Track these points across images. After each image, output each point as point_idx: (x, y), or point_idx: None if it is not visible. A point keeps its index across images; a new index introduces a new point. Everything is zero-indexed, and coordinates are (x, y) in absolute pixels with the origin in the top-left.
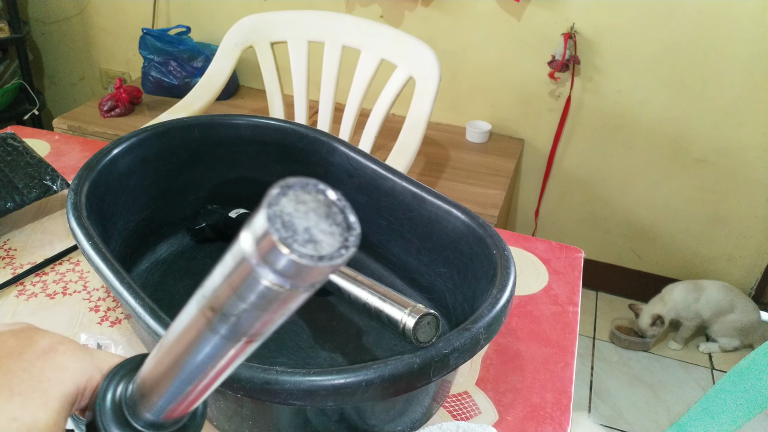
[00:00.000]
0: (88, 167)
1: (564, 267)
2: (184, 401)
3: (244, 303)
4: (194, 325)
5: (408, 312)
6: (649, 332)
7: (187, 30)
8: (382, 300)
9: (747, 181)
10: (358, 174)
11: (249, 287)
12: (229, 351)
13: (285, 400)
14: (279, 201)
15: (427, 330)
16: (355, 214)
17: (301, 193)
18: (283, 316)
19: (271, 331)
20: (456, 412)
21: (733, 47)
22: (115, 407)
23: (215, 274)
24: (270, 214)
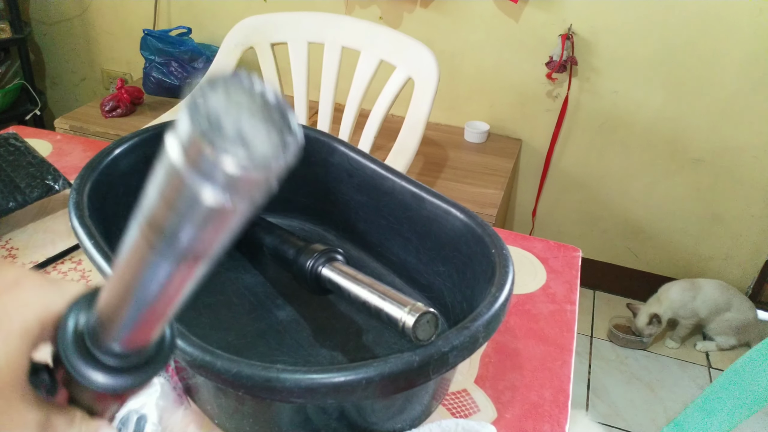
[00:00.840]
0: (90, 167)
1: (562, 266)
2: (142, 328)
3: (180, 218)
4: (137, 248)
5: (407, 310)
6: (646, 331)
7: (188, 31)
8: (382, 298)
9: (743, 181)
10: (358, 174)
11: (182, 200)
12: (175, 272)
13: (286, 398)
14: (206, 97)
15: (427, 328)
16: (296, 118)
17: (233, 90)
18: (227, 233)
19: (217, 249)
20: (455, 410)
21: (730, 48)
22: (77, 338)
23: (150, 189)
24: (193, 114)
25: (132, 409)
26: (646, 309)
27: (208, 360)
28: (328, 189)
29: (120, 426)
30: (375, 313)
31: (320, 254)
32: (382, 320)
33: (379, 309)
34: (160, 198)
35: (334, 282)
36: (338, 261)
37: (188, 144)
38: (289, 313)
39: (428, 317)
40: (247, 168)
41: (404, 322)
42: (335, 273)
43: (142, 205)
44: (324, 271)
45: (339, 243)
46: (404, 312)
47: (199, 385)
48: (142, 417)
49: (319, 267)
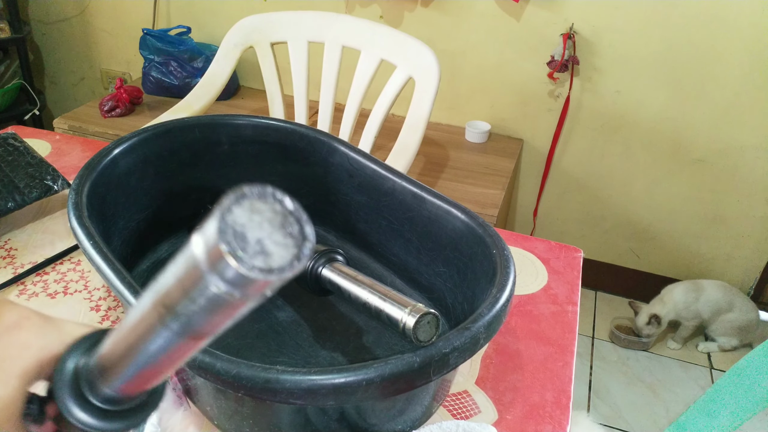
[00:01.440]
0: (89, 167)
1: (563, 266)
2: (139, 383)
3: (193, 305)
4: (147, 318)
5: (408, 311)
6: (645, 330)
7: (188, 30)
8: (383, 299)
9: (746, 181)
10: (358, 174)
11: (199, 291)
12: (179, 345)
13: (286, 399)
14: (233, 210)
15: (427, 329)
16: (311, 225)
17: (256, 203)
18: (233, 319)
19: (221, 330)
20: (456, 411)
21: (732, 47)
22: (73, 380)
23: (169, 272)
24: (221, 225)
25: None
26: (647, 309)
27: (207, 361)
28: (328, 189)
29: None
30: (375, 314)
31: (320, 255)
32: (382, 321)
33: (380, 310)
34: (178, 284)
35: (335, 283)
36: (338, 262)
37: (212, 249)
38: (289, 313)
39: (429, 318)
40: (264, 275)
41: (405, 323)
42: (335, 274)
43: (159, 281)
44: (324, 272)
45: (339, 243)
46: (405, 313)
47: (199, 386)
48: None
49: (319, 268)
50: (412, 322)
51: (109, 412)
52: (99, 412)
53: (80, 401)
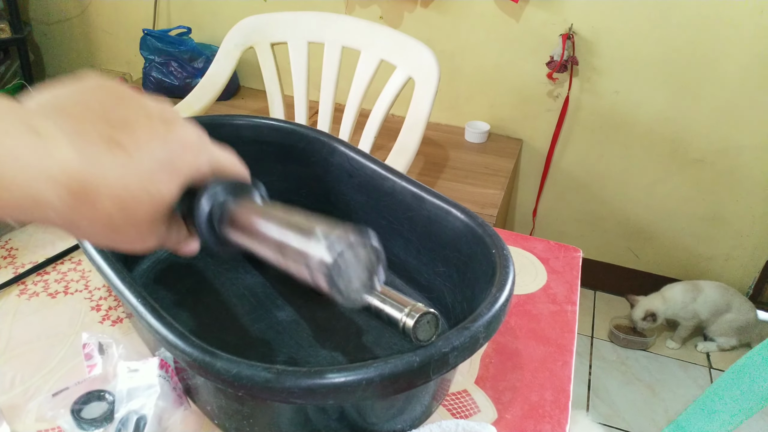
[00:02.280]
0: None
1: (562, 266)
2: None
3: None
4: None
5: (408, 311)
6: (640, 325)
7: (188, 31)
8: (382, 299)
9: (744, 181)
10: (358, 174)
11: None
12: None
13: (285, 399)
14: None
15: (427, 329)
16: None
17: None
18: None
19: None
20: (455, 411)
21: (731, 48)
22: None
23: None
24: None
25: (132, 409)
26: (645, 303)
27: (208, 360)
28: (328, 189)
29: (120, 426)
30: (375, 314)
31: None
32: (382, 320)
33: (379, 309)
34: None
35: None
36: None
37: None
38: (289, 313)
39: (428, 318)
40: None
41: (404, 322)
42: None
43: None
44: None
45: None
46: (404, 313)
47: (199, 385)
48: (142, 417)
49: None
50: (411, 321)
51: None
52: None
53: (210, 229)
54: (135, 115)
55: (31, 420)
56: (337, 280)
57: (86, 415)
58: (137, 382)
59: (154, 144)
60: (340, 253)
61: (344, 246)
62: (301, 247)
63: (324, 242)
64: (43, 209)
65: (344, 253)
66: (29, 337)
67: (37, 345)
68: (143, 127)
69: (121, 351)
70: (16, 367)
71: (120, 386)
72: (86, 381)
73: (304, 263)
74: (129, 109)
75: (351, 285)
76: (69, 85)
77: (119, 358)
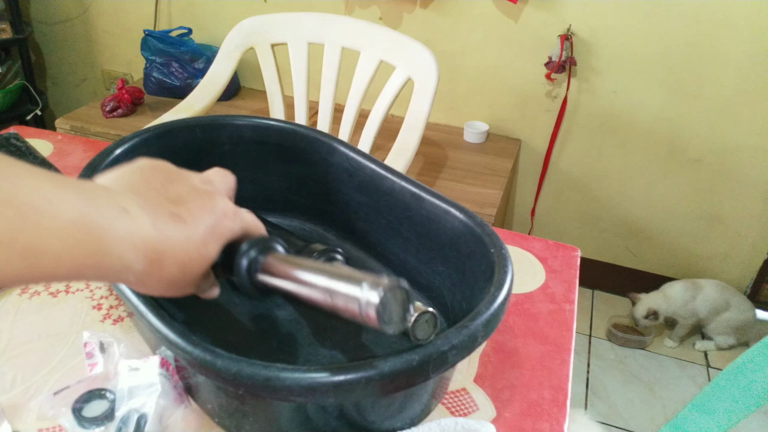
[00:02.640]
0: (91, 167)
1: (561, 265)
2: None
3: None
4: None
5: None
6: (641, 323)
7: (189, 31)
8: None
9: (742, 181)
10: (358, 174)
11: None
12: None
13: (285, 397)
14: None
15: (426, 328)
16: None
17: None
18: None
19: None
20: (454, 409)
21: (729, 48)
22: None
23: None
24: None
25: (132, 408)
26: (646, 301)
27: (208, 359)
28: (328, 189)
29: (120, 425)
30: None
31: (320, 254)
32: None
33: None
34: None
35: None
36: (338, 260)
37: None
38: (289, 312)
39: (427, 317)
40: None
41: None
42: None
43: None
44: None
45: (339, 243)
46: None
47: (200, 384)
48: (143, 416)
49: None
50: (410, 320)
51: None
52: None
53: (248, 280)
54: (186, 191)
55: (33, 419)
56: (382, 315)
57: (87, 414)
58: (138, 381)
59: (204, 215)
60: (384, 296)
61: (386, 290)
62: (352, 292)
63: (371, 288)
64: (127, 272)
65: (386, 295)
66: (30, 336)
67: (38, 344)
68: (194, 201)
69: (122, 350)
70: (18, 366)
71: (121, 385)
72: (87, 380)
73: (356, 304)
74: (180, 185)
75: (392, 318)
76: (129, 167)
77: (120, 356)
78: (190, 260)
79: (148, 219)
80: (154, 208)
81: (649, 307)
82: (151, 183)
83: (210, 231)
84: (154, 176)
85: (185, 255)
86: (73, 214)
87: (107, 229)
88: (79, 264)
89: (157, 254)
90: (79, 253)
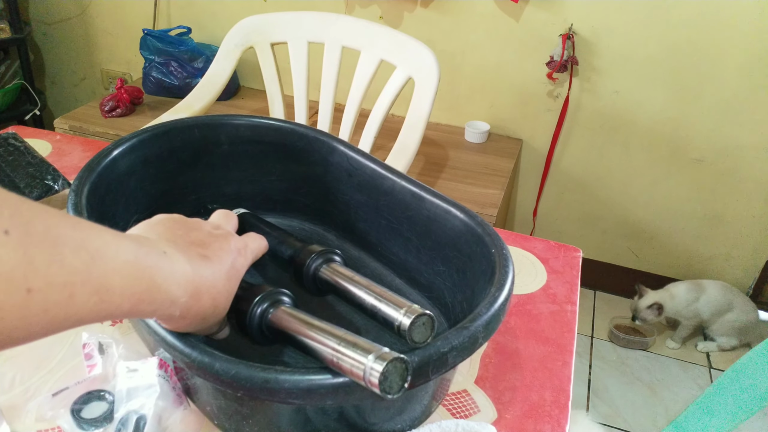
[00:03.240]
0: (89, 168)
1: (562, 266)
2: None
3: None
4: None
5: (404, 312)
6: (643, 314)
7: (188, 31)
8: (378, 300)
9: (744, 181)
10: (358, 173)
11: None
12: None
13: (284, 399)
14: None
15: (423, 330)
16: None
17: (398, 364)
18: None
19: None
20: (455, 410)
21: (731, 48)
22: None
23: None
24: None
25: (131, 409)
26: (653, 295)
27: (206, 361)
28: (328, 189)
29: (119, 426)
30: (371, 315)
31: (318, 255)
32: (378, 321)
33: (376, 310)
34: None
35: (331, 283)
36: (336, 262)
37: (370, 372)
38: None
39: (424, 319)
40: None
41: (400, 323)
42: (332, 274)
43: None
44: (321, 272)
45: (339, 243)
46: (400, 314)
47: (199, 385)
48: (142, 417)
49: (316, 268)
50: (407, 323)
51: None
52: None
53: (258, 330)
54: (204, 236)
55: (31, 420)
56: (384, 384)
57: (86, 415)
58: (137, 382)
59: (224, 255)
60: (386, 368)
61: (388, 361)
62: (358, 360)
63: (377, 360)
64: (173, 307)
65: (388, 367)
66: None
67: (36, 345)
68: (214, 243)
69: (120, 351)
70: (16, 366)
71: (120, 386)
72: (86, 381)
73: (361, 371)
74: (199, 232)
75: (392, 388)
76: (151, 222)
77: (119, 358)
78: (219, 294)
79: (185, 259)
80: (186, 252)
81: (655, 300)
82: (175, 232)
83: (231, 268)
84: (175, 227)
85: (215, 290)
86: (128, 256)
87: (156, 268)
88: (137, 299)
89: (196, 289)
90: (137, 289)
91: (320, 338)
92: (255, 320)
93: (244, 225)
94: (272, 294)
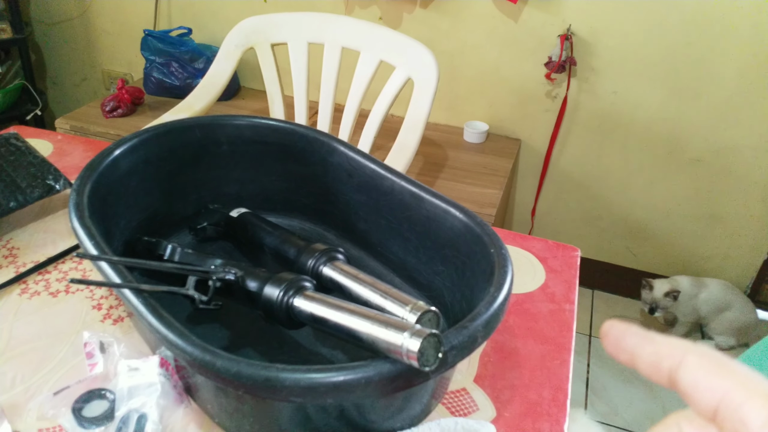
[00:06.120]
0: (91, 168)
1: (560, 265)
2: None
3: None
4: (360, 331)
5: (409, 309)
6: (661, 303)
7: (189, 31)
8: (384, 297)
9: (742, 181)
10: (357, 173)
11: (386, 348)
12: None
13: (285, 397)
14: (426, 346)
15: (428, 327)
16: (444, 345)
17: (432, 338)
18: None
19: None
20: (454, 409)
21: (729, 48)
22: (284, 303)
23: (378, 331)
24: (420, 347)
25: (132, 408)
26: (665, 283)
27: (208, 359)
28: (328, 189)
29: (121, 425)
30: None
31: (321, 253)
32: (380, 322)
33: (381, 308)
34: (383, 342)
35: (335, 281)
36: (339, 260)
37: (407, 348)
38: None
39: (429, 316)
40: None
41: (405, 320)
42: (336, 272)
43: (371, 323)
44: (325, 270)
45: (339, 243)
46: (406, 311)
47: (200, 384)
48: (143, 416)
49: (320, 266)
50: (413, 319)
51: (288, 318)
52: (287, 314)
53: (288, 317)
54: None
55: (33, 419)
56: (420, 358)
57: (87, 414)
58: (138, 381)
59: None
60: (422, 344)
61: (423, 338)
62: (395, 340)
63: (412, 337)
64: None
65: (423, 343)
66: (30, 336)
67: (38, 344)
68: None
69: (122, 350)
70: (17, 366)
71: (121, 385)
72: (87, 380)
73: (399, 350)
74: None
75: (429, 361)
76: None
77: (120, 356)
78: None
79: None
80: None
81: (671, 286)
82: None
83: None
84: None
85: None
86: None
87: None
88: None
89: None
90: None
91: (356, 322)
92: (283, 307)
93: (246, 225)
94: (297, 280)
